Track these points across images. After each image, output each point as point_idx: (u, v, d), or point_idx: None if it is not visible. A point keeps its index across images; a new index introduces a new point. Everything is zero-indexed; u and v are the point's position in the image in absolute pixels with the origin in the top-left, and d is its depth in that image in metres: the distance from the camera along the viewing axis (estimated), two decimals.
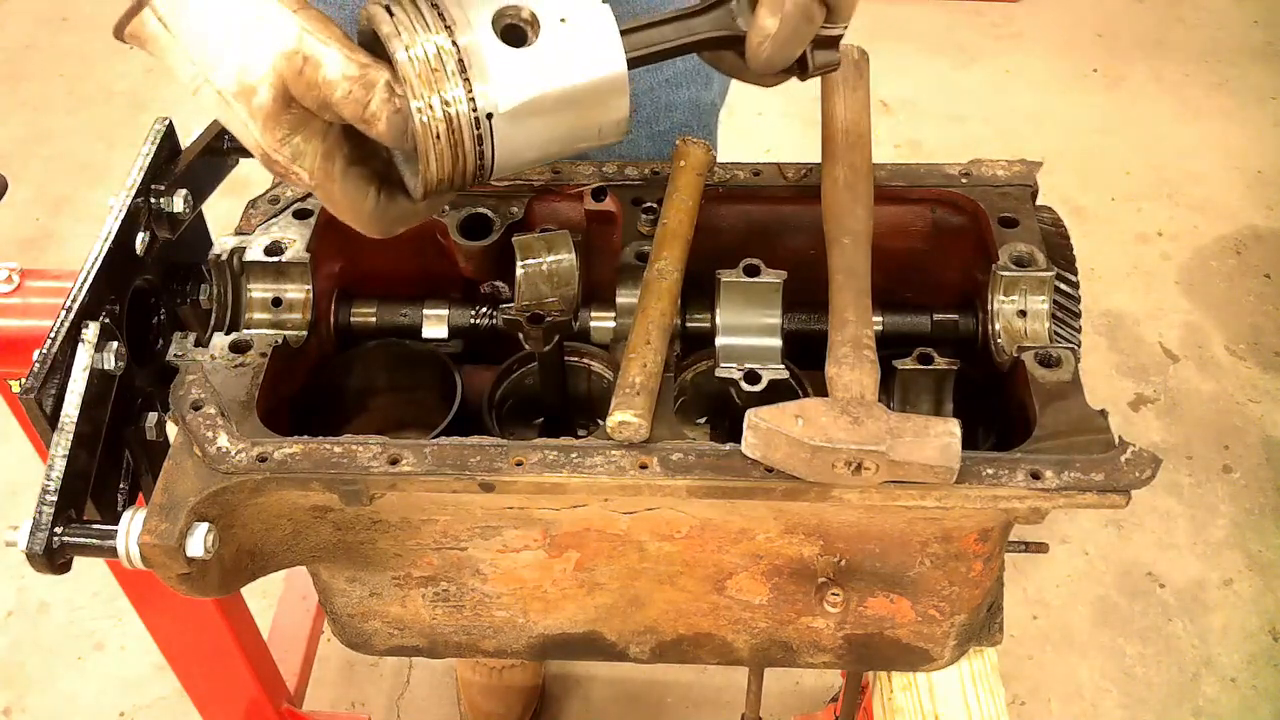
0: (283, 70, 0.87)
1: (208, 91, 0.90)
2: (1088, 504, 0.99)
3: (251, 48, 0.87)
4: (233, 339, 1.14)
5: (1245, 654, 2.50)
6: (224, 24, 0.88)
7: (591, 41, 0.91)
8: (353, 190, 0.94)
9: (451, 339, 1.27)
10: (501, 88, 0.89)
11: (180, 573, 1.00)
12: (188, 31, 0.89)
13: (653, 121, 1.54)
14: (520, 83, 0.90)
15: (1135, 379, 3.04)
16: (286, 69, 0.87)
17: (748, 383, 1.11)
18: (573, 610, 1.20)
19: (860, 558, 1.11)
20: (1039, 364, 1.09)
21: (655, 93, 1.52)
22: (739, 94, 1.70)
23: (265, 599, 2.37)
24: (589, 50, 0.91)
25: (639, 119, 1.53)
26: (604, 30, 0.92)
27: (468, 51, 0.88)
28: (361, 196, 0.94)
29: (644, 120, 1.54)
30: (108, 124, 3.79)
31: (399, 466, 1.01)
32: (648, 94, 1.52)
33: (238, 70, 0.88)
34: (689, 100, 1.56)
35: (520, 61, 0.90)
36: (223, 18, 0.88)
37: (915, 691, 1.37)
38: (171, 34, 0.89)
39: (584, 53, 0.91)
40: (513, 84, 0.90)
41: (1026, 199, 1.23)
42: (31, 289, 1.42)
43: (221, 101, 0.90)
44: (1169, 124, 3.80)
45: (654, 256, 1.14)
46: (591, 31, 0.91)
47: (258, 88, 0.88)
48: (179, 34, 0.89)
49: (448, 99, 0.88)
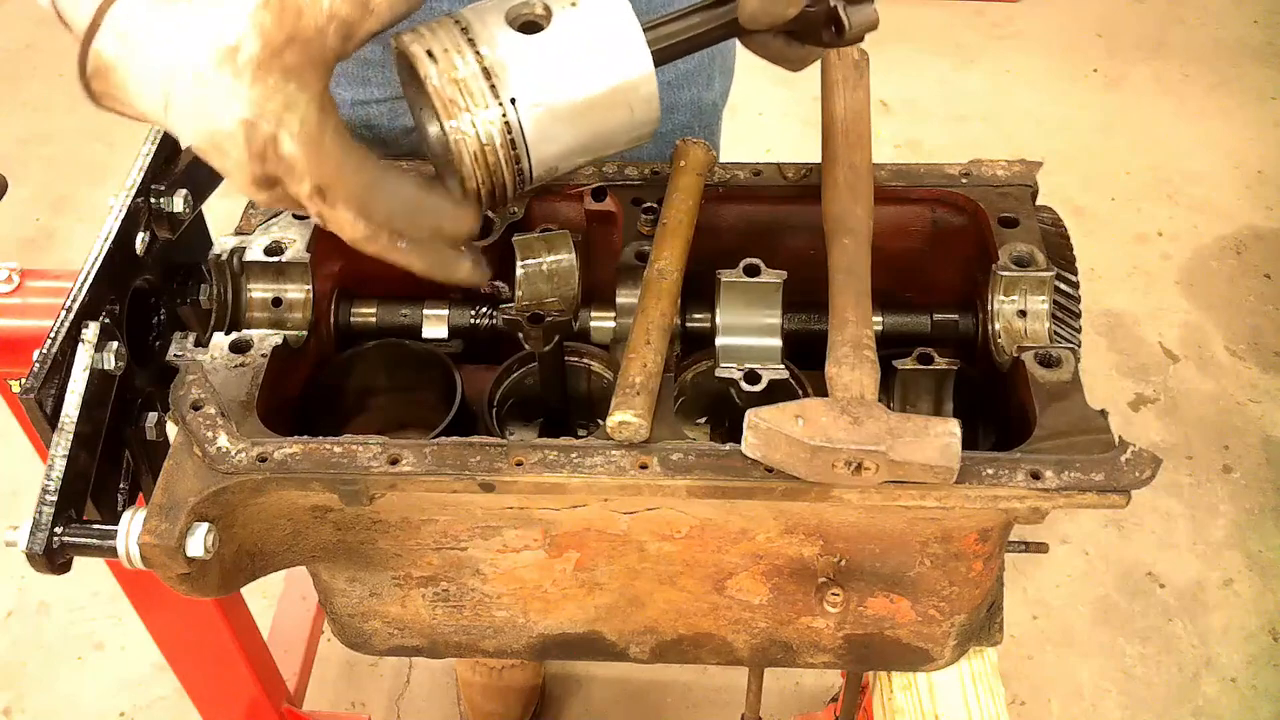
0: (264, 15, 0.79)
1: (180, 92, 0.81)
2: (1088, 504, 0.99)
3: (223, 10, 0.79)
4: (233, 339, 1.14)
5: (1245, 654, 2.50)
6: (187, 6, 0.80)
7: (603, 14, 0.92)
8: (346, 144, 0.84)
9: (451, 339, 1.27)
10: (521, 75, 0.90)
11: (180, 573, 1.00)
12: (148, 34, 0.80)
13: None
14: (538, 64, 0.90)
15: (1135, 379, 3.04)
16: (268, 12, 0.79)
17: (748, 383, 1.11)
18: (573, 610, 1.20)
19: (860, 558, 1.11)
20: (1039, 364, 1.09)
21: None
22: (740, 94, 1.70)
23: (265, 599, 2.37)
24: (602, 22, 0.91)
25: None
26: (615, 4, 0.92)
27: (491, 62, 0.89)
28: (354, 149, 0.85)
29: None
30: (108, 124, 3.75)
31: (399, 466, 1.01)
32: None
33: (212, 38, 0.79)
34: (691, 101, 1.56)
35: (536, 45, 0.90)
36: (185, 2, 0.80)
37: (915, 691, 1.37)
38: (130, 48, 0.81)
39: (597, 24, 0.91)
40: (532, 67, 0.90)
41: (1026, 199, 1.23)
42: (31, 289, 1.42)
43: (197, 96, 0.80)
44: (1169, 124, 3.80)
45: (654, 256, 1.14)
46: (602, 6, 0.92)
47: (239, 44, 0.79)
48: (139, 42, 0.81)
49: (477, 118, 0.89)
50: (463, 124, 0.89)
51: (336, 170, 0.84)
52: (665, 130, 1.54)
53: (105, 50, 0.82)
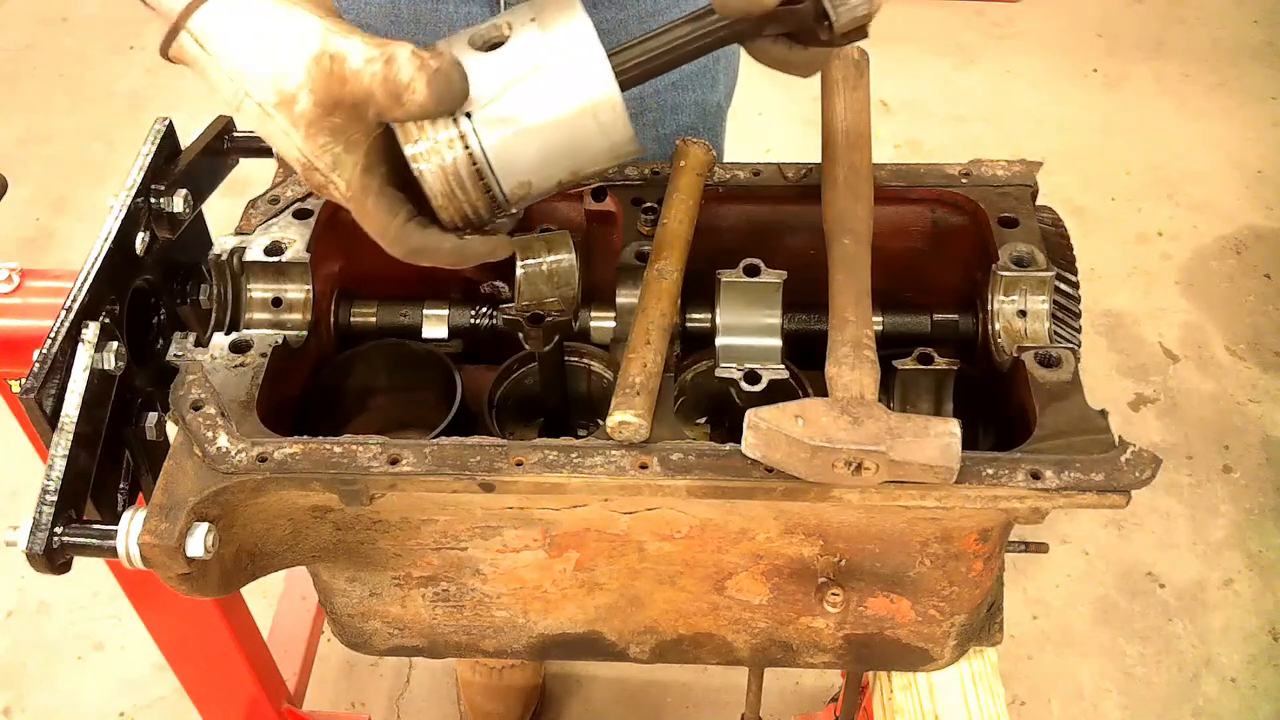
0: (315, 74, 0.89)
1: (249, 105, 0.91)
2: (1088, 504, 0.99)
3: (283, 57, 0.89)
4: (233, 339, 1.14)
5: (1245, 654, 2.50)
6: (255, 38, 0.90)
7: (563, 29, 0.91)
8: (386, 207, 0.95)
9: (451, 339, 1.27)
10: (478, 89, 0.90)
11: (180, 573, 1.00)
12: (222, 50, 0.91)
13: (659, 124, 1.54)
14: (494, 80, 0.90)
15: (1135, 379, 3.04)
16: (318, 72, 0.89)
17: (748, 383, 1.11)
18: (573, 610, 1.20)
19: (860, 558, 1.11)
20: (1039, 364, 1.09)
21: (661, 95, 1.52)
22: (740, 94, 1.70)
23: (265, 599, 2.37)
24: (562, 39, 0.91)
25: (644, 121, 1.53)
26: (573, 18, 0.91)
27: None
28: (391, 215, 0.95)
29: (650, 123, 1.54)
30: (108, 124, 3.79)
31: (399, 466, 1.01)
32: (654, 96, 1.52)
33: (273, 80, 0.89)
34: (695, 102, 1.56)
35: (491, 62, 0.91)
36: (253, 32, 0.90)
37: (915, 691, 1.37)
38: (208, 54, 0.91)
39: (556, 40, 0.91)
40: (487, 83, 0.90)
41: (1026, 199, 1.23)
42: (31, 289, 1.42)
43: (262, 114, 0.91)
44: (1169, 124, 3.80)
45: (654, 256, 1.14)
46: (561, 19, 0.92)
47: (297, 95, 0.89)
48: (215, 54, 0.91)
49: (437, 138, 0.90)
50: (421, 148, 0.90)
51: (376, 227, 0.96)
52: (669, 131, 1.55)
53: (187, 48, 0.92)
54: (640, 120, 1.53)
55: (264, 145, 1.31)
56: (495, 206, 0.95)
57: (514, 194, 0.94)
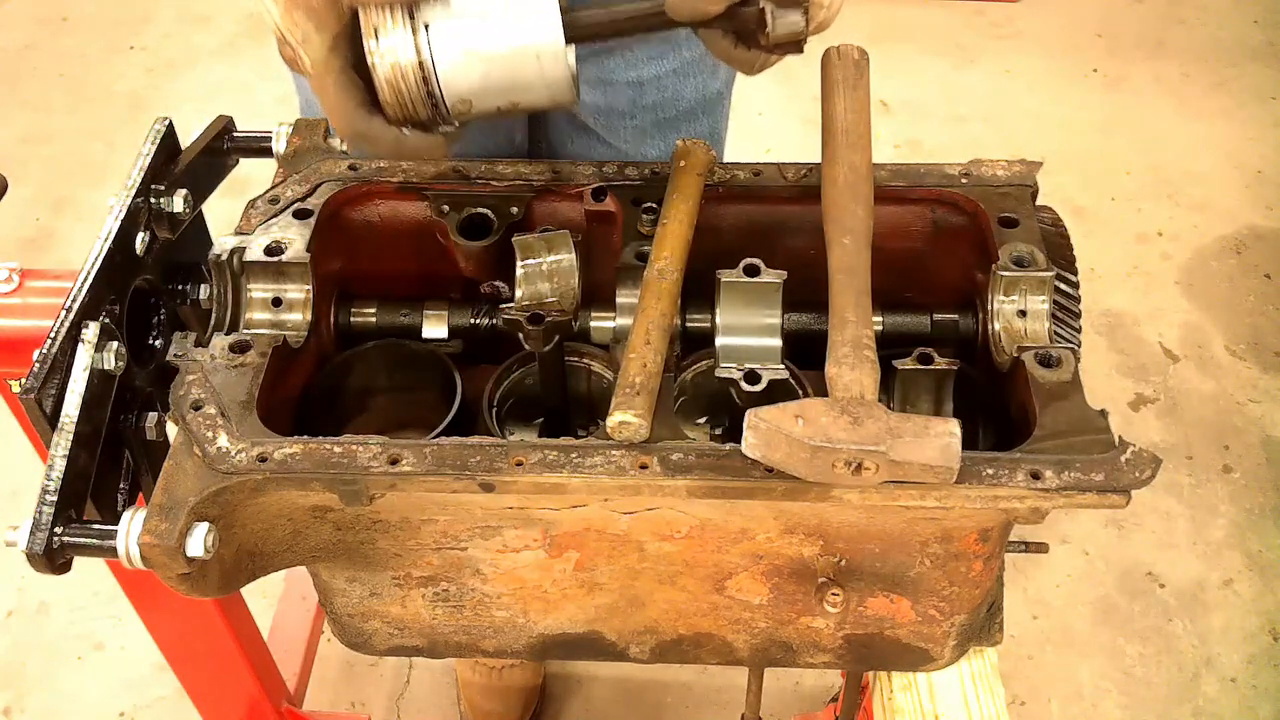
0: None
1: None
2: (1088, 504, 0.99)
3: None
4: (233, 339, 1.14)
5: (1245, 654, 2.50)
6: None
7: None
8: (344, 88, 1.04)
9: (451, 339, 1.27)
10: (440, 7, 0.99)
11: (180, 573, 1.00)
12: None
13: (660, 109, 1.56)
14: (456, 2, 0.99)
15: (1135, 379, 3.04)
16: None
17: (748, 383, 1.11)
18: (573, 610, 1.20)
19: (860, 558, 1.11)
20: (1039, 364, 1.09)
21: (663, 81, 1.54)
22: (740, 94, 1.70)
23: (265, 599, 2.37)
24: None
25: (646, 105, 1.55)
26: None
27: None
28: (347, 97, 1.04)
29: (651, 107, 1.56)
30: (108, 124, 3.79)
31: (399, 466, 1.01)
32: (654, 82, 1.54)
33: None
34: (696, 89, 1.58)
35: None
36: None
37: (915, 691, 1.37)
38: None
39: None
40: (450, 2, 1.00)
41: (1026, 199, 1.23)
42: (31, 289, 1.42)
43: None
44: (1169, 124, 3.79)
45: (654, 256, 1.14)
46: None
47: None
48: None
49: (395, 38, 0.99)
50: (379, 42, 1.00)
51: (330, 103, 1.05)
52: (670, 117, 1.57)
53: None
54: (640, 105, 1.56)
55: (264, 146, 1.32)
56: (437, 114, 1.04)
57: (455, 109, 1.04)
